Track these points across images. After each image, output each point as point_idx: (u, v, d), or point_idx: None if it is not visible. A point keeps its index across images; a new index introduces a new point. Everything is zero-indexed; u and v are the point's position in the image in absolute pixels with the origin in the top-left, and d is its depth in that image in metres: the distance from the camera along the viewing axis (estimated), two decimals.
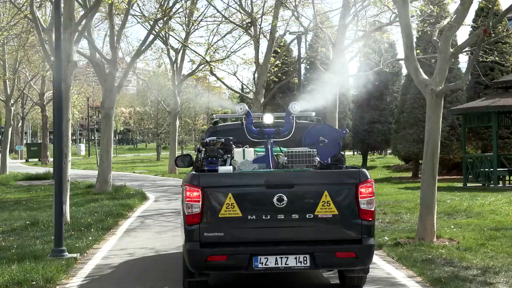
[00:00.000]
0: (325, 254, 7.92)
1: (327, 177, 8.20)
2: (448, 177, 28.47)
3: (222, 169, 8.59)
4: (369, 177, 8.05)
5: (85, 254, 11.67)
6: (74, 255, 11.30)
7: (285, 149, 8.92)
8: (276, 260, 7.86)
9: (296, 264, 7.88)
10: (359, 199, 7.92)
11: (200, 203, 7.82)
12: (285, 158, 8.64)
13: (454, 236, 12.28)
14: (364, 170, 8.20)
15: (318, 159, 8.72)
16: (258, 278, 9.55)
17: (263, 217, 7.86)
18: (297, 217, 7.87)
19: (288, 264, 7.87)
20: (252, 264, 7.83)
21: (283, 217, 7.84)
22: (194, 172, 8.39)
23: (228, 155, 8.98)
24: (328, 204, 7.90)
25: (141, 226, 15.40)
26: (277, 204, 7.81)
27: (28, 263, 10.28)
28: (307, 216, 7.88)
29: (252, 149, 9.21)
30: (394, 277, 9.40)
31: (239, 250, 7.86)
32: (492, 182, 23.51)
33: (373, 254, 8.18)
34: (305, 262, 7.88)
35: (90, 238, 13.03)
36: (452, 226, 13.65)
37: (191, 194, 7.86)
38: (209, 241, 7.83)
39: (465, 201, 18.07)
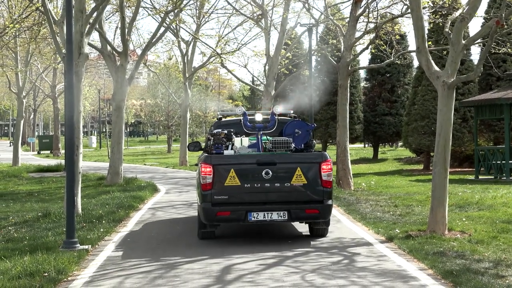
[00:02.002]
0: (297, 211, 11.32)
1: (299, 158, 11.64)
2: (459, 169, 28.36)
3: (226, 152, 11.92)
4: (328, 157, 11.47)
5: (96, 246, 11.73)
6: (86, 246, 11.35)
7: (270, 138, 12.31)
8: (264, 215, 11.26)
9: (278, 217, 11.29)
10: (322, 173, 11.32)
11: (212, 175, 11.21)
12: (270, 145, 11.97)
13: (465, 229, 12.24)
14: (325, 153, 11.74)
15: (294, 145, 12.08)
16: (251, 229, 13.18)
17: (255, 185, 11.27)
18: (279, 185, 11.27)
19: (272, 218, 11.29)
20: (247, 218, 11.23)
21: (268, 185, 11.25)
22: (206, 154, 11.80)
23: (230, 142, 12.23)
24: (300, 176, 11.29)
25: (152, 218, 15.44)
26: (265, 176, 11.23)
27: (40, 254, 10.34)
28: (285, 185, 11.28)
29: (247, 138, 12.45)
30: (405, 270, 9.38)
31: (238, 208, 11.26)
32: (504, 174, 23.39)
33: (331, 211, 11.68)
34: (284, 216, 11.28)
35: (102, 230, 13.08)
36: (464, 219, 13.60)
37: (205, 170, 11.23)
38: (217, 202, 11.22)
39: (476, 193, 17.99)
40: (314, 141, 13.07)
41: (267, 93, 28.43)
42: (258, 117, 12.80)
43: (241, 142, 12.29)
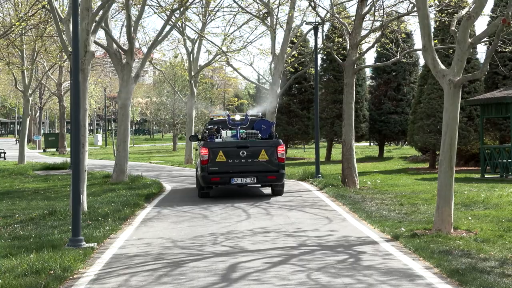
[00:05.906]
0: (262, 177, 17.84)
1: (264, 143, 18.10)
2: (465, 168, 28.29)
3: (216, 140, 18.61)
4: (282, 143, 18.06)
5: (102, 244, 11.75)
6: (91, 244, 11.37)
7: (245, 131, 18.94)
8: (241, 180, 17.75)
9: (250, 181, 17.85)
10: (277, 153, 17.85)
11: (208, 155, 17.65)
12: (245, 135, 18.74)
13: (471, 228, 12.21)
14: (280, 140, 18.36)
15: (260, 135, 18.99)
16: (233, 190, 20.03)
17: (235, 161, 17.74)
18: (250, 161, 17.77)
19: (246, 182, 17.85)
20: (230, 182, 17.76)
21: (244, 161, 17.74)
22: (204, 141, 18.51)
23: (219, 134, 18.96)
24: (264, 155, 17.76)
25: (157, 216, 15.45)
26: (241, 155, 17.75)
27: (46, 252, 10.37)
28: (255, 160, 17.80)
29: (230, 131, 19.08)
30: (411, 268, 9.36)
31: (225, 175, 17.70)
32: (510, 173, 23.33)
33: (284, 177, 18.19)
34: (254, 180, 17.84)
35: (107, 227, 13.10)
36: (470, 218, 13.57)
37: (204, 151, 17.70)
38: (211, 171, 17.68)
39: (482, 192, 17.94)
40: (275, 133, 19.61)
41: (273, 91, 28.42)
42: (237, 117, 19.89)
43: (226, 134, 18.95)
